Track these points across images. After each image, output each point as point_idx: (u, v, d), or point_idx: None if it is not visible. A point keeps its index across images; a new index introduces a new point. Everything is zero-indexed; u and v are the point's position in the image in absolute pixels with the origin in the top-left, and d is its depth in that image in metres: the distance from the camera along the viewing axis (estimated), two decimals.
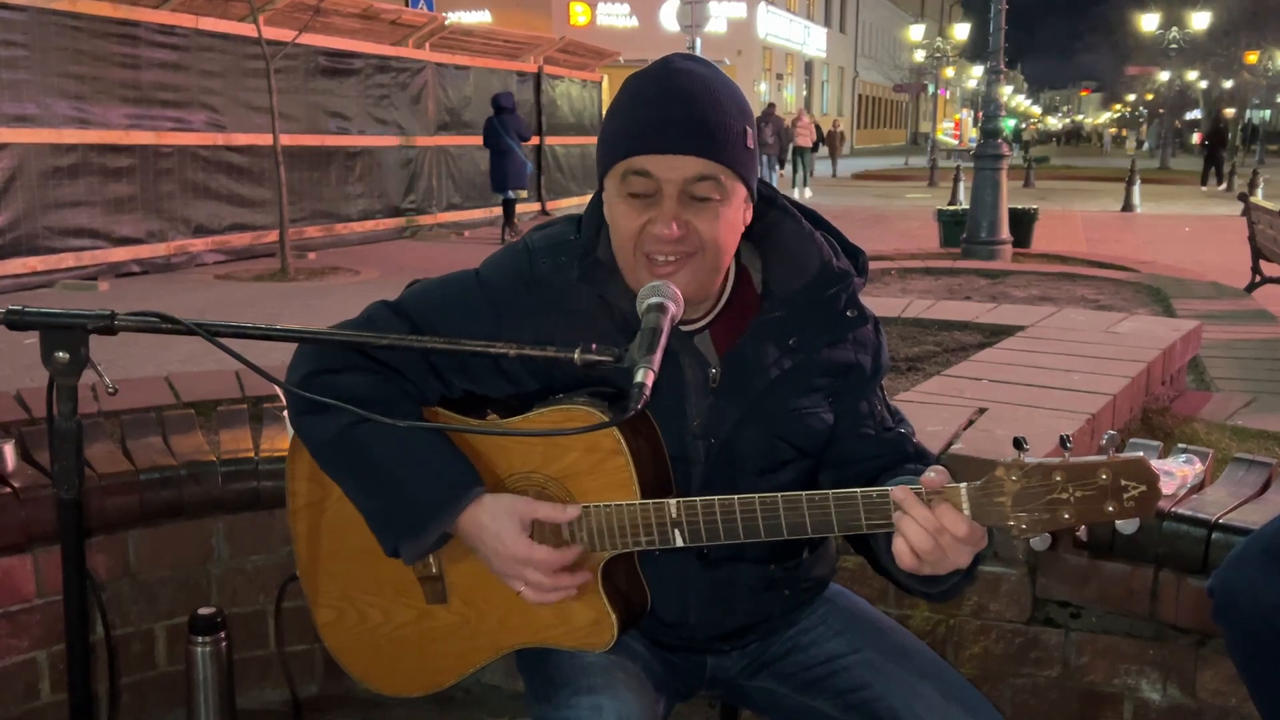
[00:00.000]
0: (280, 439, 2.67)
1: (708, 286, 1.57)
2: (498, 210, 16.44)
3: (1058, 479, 1.33)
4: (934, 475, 1.40)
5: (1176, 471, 2.40)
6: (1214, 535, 2.19)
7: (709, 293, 1.59)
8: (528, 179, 13.88)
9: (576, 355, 1.41)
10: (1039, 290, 7.43)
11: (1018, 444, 1.37)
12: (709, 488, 1.56)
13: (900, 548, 1.40)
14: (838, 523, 1.44)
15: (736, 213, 1.54)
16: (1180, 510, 2.25)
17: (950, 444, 2.44)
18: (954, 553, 1.39)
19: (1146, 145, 67.72)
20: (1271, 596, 1.83)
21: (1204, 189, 26.73)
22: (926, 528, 1.38)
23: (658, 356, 1.37)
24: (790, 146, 23.38)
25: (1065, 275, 8.16)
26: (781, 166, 23.58)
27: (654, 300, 1.44)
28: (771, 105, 24.73)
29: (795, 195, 22.58)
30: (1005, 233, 10.63)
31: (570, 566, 1.54)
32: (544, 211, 17.72)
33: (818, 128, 25.56)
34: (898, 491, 1.40)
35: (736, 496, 1.47)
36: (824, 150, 27.09)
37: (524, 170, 13.32)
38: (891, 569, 1.54)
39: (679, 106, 1.48)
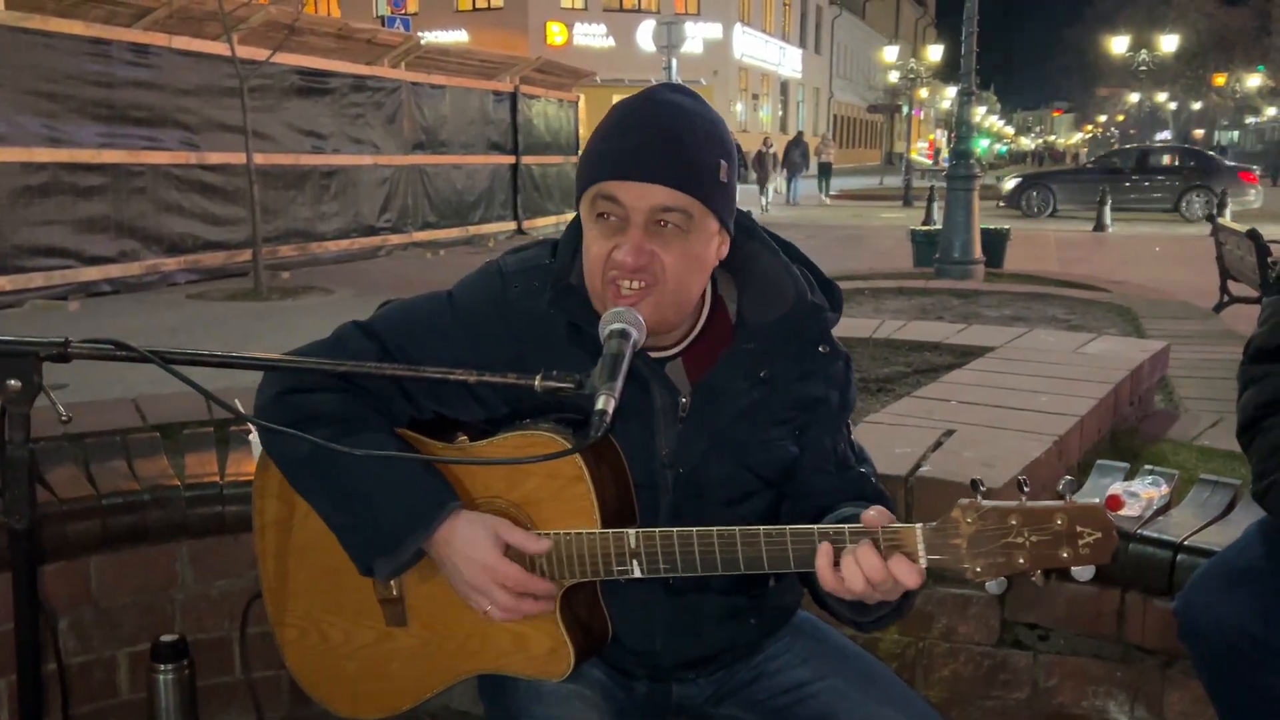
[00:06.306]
0: (246, 463, 2.64)
1: (670, 320, 1.55)
2: (473, 229, 16.50)
3: (1013, 523, 1.33)
4: (874, 514, 1.40)
5: (1143, 493, 2.42)
6: (1179, 557, 2.20)
7: (672, 325, 1.58)
8: None
9: (537, 382, 1.40)
10: (1011, 310, 7.48)
11: (974, 486, 1.37)
12: (676, 517, 1.55)
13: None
14: (794, 559, 1.42)
15: (704, 246, 1.53)
16: (1146, 532, 2.26)
17: (917, 466, 2.44)
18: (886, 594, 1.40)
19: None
20: (1235, 617, 1.84)
21: None
22: (872, 576, 1.37)
23: (619, 384, 1.36)
24: (816, 164, 30.13)
25: (1037, 295, 8.21)
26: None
27: (616, 326, 1.43)
28: (800, 133, 31.99)
29: (823, 200, 28.02)
30: (978, 252, 10.67)
31: (536, 594, 1.52)
32: (520, 231, 17.73)
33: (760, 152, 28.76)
34: (861, 549, 1.39)
35: (695, 529, 1.45)
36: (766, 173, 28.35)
37: None
38: (828, 599, 1.54)
39: (651, 136, 1.48)
